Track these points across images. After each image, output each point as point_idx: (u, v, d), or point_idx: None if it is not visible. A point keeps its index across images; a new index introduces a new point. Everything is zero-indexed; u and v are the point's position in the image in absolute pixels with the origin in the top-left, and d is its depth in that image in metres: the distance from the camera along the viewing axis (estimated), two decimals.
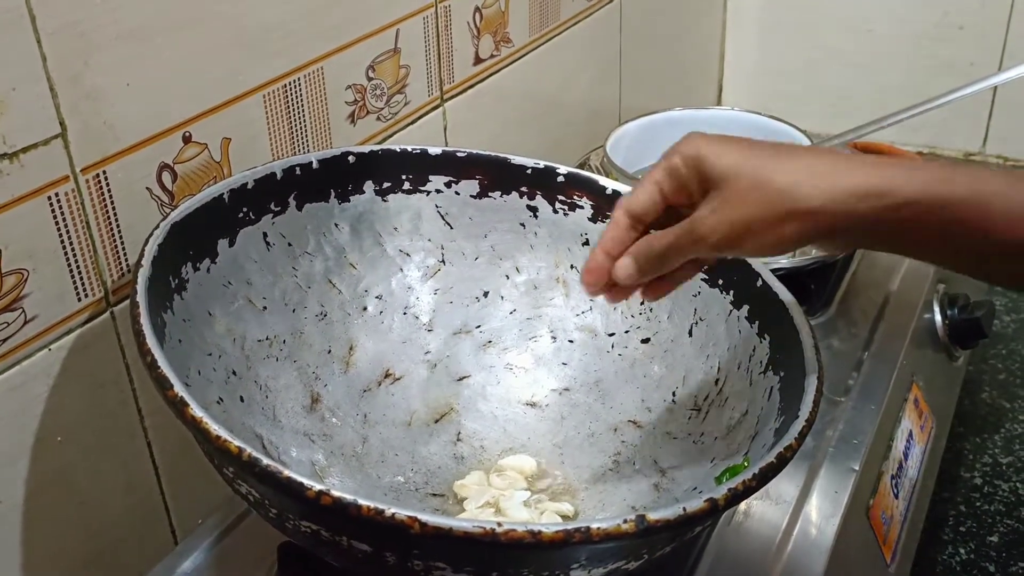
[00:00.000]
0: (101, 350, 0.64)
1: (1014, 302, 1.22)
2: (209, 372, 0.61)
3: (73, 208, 0.60)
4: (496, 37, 0.97)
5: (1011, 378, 1.10)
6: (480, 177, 0.73)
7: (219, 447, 0.45)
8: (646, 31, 1.29)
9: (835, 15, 1.48)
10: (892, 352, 0.85)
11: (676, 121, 1.05)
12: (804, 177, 0.50)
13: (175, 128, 0.65)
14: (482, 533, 0.43)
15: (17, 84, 0.55)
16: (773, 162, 0.51)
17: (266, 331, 0.66)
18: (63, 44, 0.57)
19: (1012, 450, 1.01)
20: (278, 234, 0.67)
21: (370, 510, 0.43)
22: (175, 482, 0.71)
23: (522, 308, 0.74)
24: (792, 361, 0.58)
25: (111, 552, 0.68)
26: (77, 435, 0.64)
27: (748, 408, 0.61)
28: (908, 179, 0.49)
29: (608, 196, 0.72)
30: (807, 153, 0.53)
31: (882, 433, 0.78)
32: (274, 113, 0.73)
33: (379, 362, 0.72)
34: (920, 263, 0.98)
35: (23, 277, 0.58)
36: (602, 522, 0.43)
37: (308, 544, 0.52)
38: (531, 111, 1.07)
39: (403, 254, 0.74)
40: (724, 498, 0.47)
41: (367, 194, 0.72)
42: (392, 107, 0.85)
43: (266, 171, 0.66)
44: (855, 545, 0.70)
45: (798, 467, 0.72)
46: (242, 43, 0.68)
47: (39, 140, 0.57)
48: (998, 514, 0.94)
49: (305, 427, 0.66)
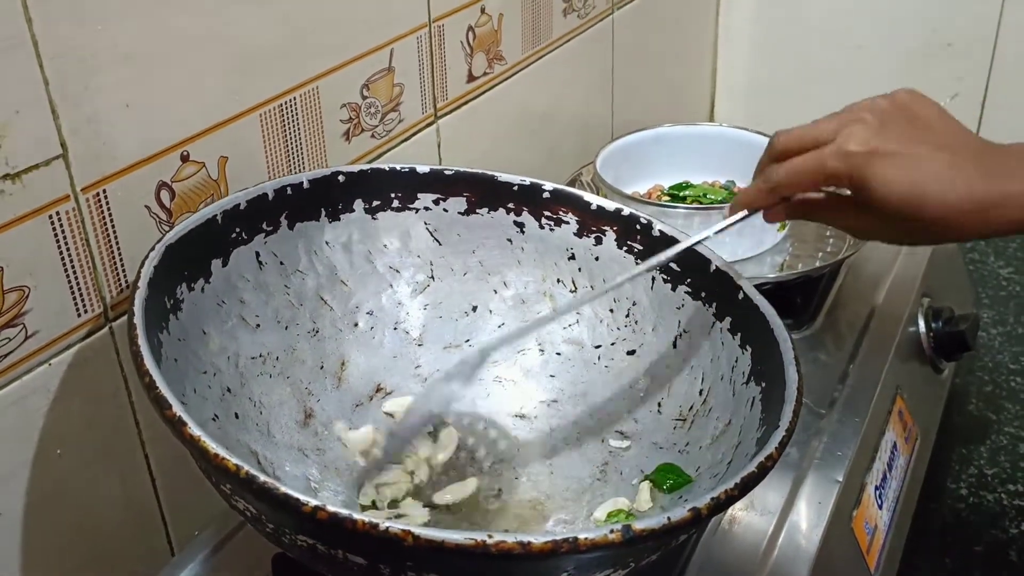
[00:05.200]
0: (100, 365, 0.66)
1: (1000, 315, 1.24)
2: (204, 390, 0.62)
3: (74, 226, 0.61)
4: (489, 55, 0.98)
5: (997, 390, 1.12)
6: (468, 194, 0.75)
7: (217, 465, 0.47)
8: (638, 48, 1.30)
9: (825, 32, 1.50)
10: (877, 364, 0.87)
11: (665, 138, 1.07)
12: (953, 215, 0.56)
13: (173, 148, 0.67)
14: (473, 545, 0.44)
15: (20, 107, 0.57)
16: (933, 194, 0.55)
17: (259, 348, 0.68)
18: (64, 68, 0.58)
19: (997, 461, 1.02)
20: (270, 253, 0.69)
21: (365, 524, 0.44)
22: (172, 494, 0.73)
23: (510, 322, 0.76)
24: (773, 371, 0.59)
25: (109, 563, 0.69)
26: (76, 448, 0.65)
27: (731, 418, 0.63)
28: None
29: (592, 212, 0.74)
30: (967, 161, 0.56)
31: (866, 445, 0.79)
32: (270, 132, 0.74)
33: (371, 377, 0.73)
34: (905, 276, 0.99)
35: (24, 294, 0.59)
36: (589, 532, 0.45)
37: (304, 558, 0.53)
38: (524, 128, 1.08)
39: (393, 270, 0.75)
40: (707, 507, 0.48)
41: (357, 212, 0.73)
42: (386, 125, 0.87)
43: (258, 191, 0.67)
44: (839, 555, 0.72)
45: (783, 478, 0.74)
46: (238, 64, 0.70)
47: (41, 161, 0.59)
48: (983, 524, 0.95)
49: (299, 442, 0.67)
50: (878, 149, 0.56)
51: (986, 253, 1.37)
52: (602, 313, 0.74)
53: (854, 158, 0.57)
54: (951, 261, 1.11)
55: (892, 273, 1.00)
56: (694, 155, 1.06)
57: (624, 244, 0.73)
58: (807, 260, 0.95)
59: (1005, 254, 1.36)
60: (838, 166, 0.57)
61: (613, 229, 0.74)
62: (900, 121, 0.58)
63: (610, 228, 0.74)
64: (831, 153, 0.58)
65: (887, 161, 0.56)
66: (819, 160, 0.58)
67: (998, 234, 0.57)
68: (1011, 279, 1.31)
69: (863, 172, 0.56)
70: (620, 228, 0.73)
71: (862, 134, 0.57)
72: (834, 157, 0.58)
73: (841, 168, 0.57)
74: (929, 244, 0.93)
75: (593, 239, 0.74)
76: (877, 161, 0.56)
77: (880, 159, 0.56)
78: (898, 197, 0.56)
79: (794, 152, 0.61)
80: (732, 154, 1.05)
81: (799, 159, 0.60)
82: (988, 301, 1.27)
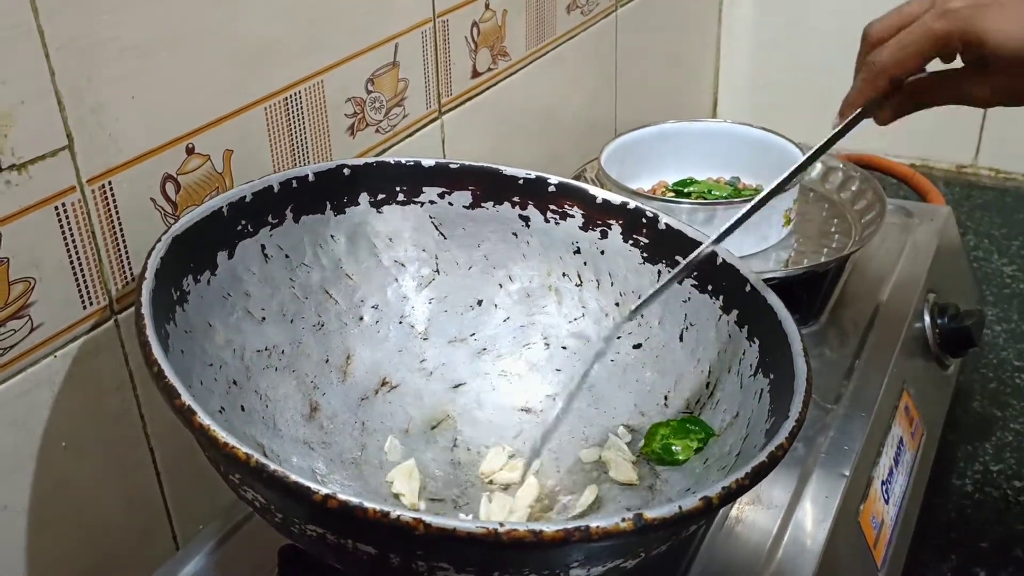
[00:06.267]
0: (105, 357, 0.65)
1: (1004, 312, 1.24)
2: (210, 382, 0.62)
3: (79, 218, 0.61)
4: (493, 51, 0.98)
5: (1002, 387, 1.12)
6: (473, 188, 0.75)
7: (227, 454, 0.46)
8: (642, 45, 1.30)
9: (828, 30, 1.50)
10: (883, 360, 0.87)
11: (668, 134, 1.07)
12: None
13: (178, 140, 0.67)
14: (485, 533, 0.44)
15: (26, 98, 0.56)
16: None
17: (265, 341, 0.67)
18: (70, 58, 0.58)
19: (1003, 458, 1.02)
20: (276, 246, 0.69)
21: (376, 512, 0.44)
22: (177, 488, 0.72)
23: (515, 316, 0.76)
24: (781, 364, 0.59)
25: (113, 556, 0.69)
26: (81, 441, 0.65)
27: (739, 410, 0.63)
28: None
29: (598, 205, 0.74)
30: None
31: (872, 440, 0.79)
32: (275, 125, 0.74)
33: (376, 371, 0.73)
34: (910, 272, 0.99)
35: (30, 285, 0.59)
36: (601, 520, 0.45)
37: (314, 548, 0.53)
38: (528, 123, 1.08)
39: (398, 264, 0.75)
40: (718, 496, 0.48)
41: (362, 206, 0.73)
42: (391, 120, 0.87)
43: (264, 184, 0.67)
44: (845, 549, 0.72)
45: (789, 473, 0.73)
46: (244, 57, 0.70)
47: (47, 152, 0.58)
48: (989, 521, 0.95)
49: (305, 436, 0.67)
50: (981, 0, 0.54)
51: (990, 251, 1.37)
52: (608, 307, 0.74)
53: (959, 13, 0.54)
54: (956, 258, 1.11)
55: (897, 269, 0.99)
56: (698, 151, 1.06)
57: (630, 238, 0.73)
58: (812, 256, 0.94)
59: (1009, 252, 1.36)
60: (945, 26, 0.55)
61: (619, 223, 0.73)
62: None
63: (616, 222, 0.74)
64: (934, 15, 0.55)
65: (994, 10, 0.54)
66: (924, 27, 0.56)
67: None
68: (1015, 277, 1.31)
69: (972, 26, 0.54)
70: (626, 222, 0.73)
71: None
72: (938, 18, 0.55)
73: (949, 27, 0.55)
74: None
75: (599, 233, 0.74)
76: (984, 12, 0.54)
77: (987, 8, 0.54)
78: (1016, 42, 0.53)
79: (892, 34, 0.59)
80: (736, 150, 1.05)
81: (903, 32, 0.57)
82: (993, 299, 1.26)
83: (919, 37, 0.57)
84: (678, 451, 0.65)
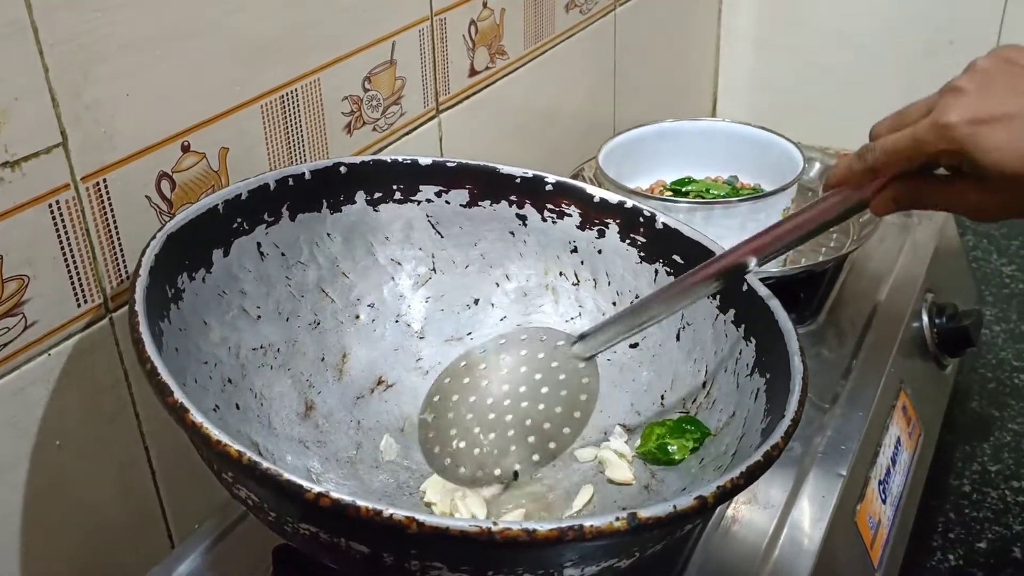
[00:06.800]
0: (100, 356, 0.65)
1: (1003, 312, 1.23)
2: (205, 380, 0.62)
3: (73, 215, 0.61)
4: (491, 49, 0.98)
5: (1000, 387, 1.12)
6: (470, 186, 0.75)
7: (219, 452, 0.46)
8: (640, 44, 1.30)
9: (827, 30, 1.49)
10: (880, 360, 0.87)
11: (667, 133, 1.07)
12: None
13: (174, 138, 0.66)
14: (478, 532, 0.43)
15: (20, 94, 0.56)
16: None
17: (260, 340, 0.67)
18: (65, 55, 0.58)
19: (1001, 458, 1.02)
20: (271, 244, 0.69)
21: (369, 511, 0.44)
22: (172, 486, 0.72)
23: (512, 315, 0.75)
24: (777, 363, 0.59)
25: (108, 555, 0.69)
26: (75, 439, 0.65)
27: (735, 410, 0.62)
28: None
29: (595, 204, 0.73)
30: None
31: (869, 439, 0.79)
32: (271, 123, 0.74)
33: (372, 370, 0.73)
34: (908, 272, 0.99)
35: (24, 283, 0.59)
36: (595, 520, 0.44)
37: (307, 547, 0.52)
38: (526, 122, 1.08)
39: (394, 263, 0.75)
40: (713, 495, 0.48)
41: (359, 204, 0.73)
42: (388, 118, 0.86)
43: (259, 182, 0.67)
44: (842, 549, 0.71)
45: (786, 472, 0.73)
46: (240, 54, 0.70)
47: (41, 149, 0.58)
48: (986, 521, 0.94)
49: (300, 434, 0.67)
50: (981, 116, 0.51)
51: (989, 251, 1.36)
52: (605, 306, 0.74)
53: (953, 130, 0.52)
54: (954, 258, 1.11)
55: (895, 269, 0.99)
56: (696, 150, 1.06)
57: (627, 237, 0.73)
58: (810, 255, 0.94)
59: (1008, 252, 1.36)
60: (934, 141, 0.53)
61: (616, 222, 0.73)
62: (1005, 79, 0.53)
63: (613, 221, 0.73)
64: (925, 126, 0.53)
65: (994, 126, 0.51)
66: (914, 138, 0.54)
67: None
68: (1014, 276, 1.31)
69: (966, 144, 0.51)
70: (623, 221, 0.73)
71: (959, 104, 0.52)
72: (928, 131, 0.53)
73: (939, 146, 0.52)
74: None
75: (596, 232, 0.74)
76: (982, 129, 0.51)
77: (986, 126, 0.51)
78: (1015, 161, 0.51)
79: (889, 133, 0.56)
80: (735, 149, 1.04)
81: (894, 135, 0.55)
82: (991, 299, 1.26)
83: (907, 147, 0.54)
84: (674, 451, 0.65)
